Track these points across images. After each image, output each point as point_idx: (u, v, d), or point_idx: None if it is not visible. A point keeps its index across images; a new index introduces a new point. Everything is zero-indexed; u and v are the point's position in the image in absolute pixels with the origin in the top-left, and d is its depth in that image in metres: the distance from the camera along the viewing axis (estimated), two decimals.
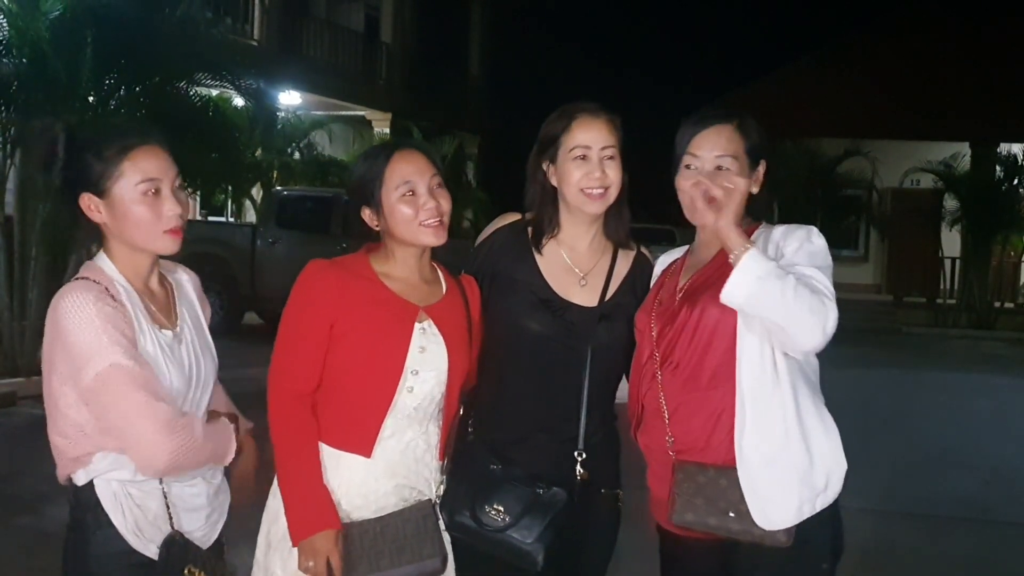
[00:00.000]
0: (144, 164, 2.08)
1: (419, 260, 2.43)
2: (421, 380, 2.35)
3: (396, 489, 2.35)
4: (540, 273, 2.53)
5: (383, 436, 2.33)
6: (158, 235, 2.10)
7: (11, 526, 5.04)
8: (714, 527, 2.25)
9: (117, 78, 8.64)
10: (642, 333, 2.44)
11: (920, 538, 5.52)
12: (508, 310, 2.51)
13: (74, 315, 2.00)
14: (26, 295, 8.73)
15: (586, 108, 2.52)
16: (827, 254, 2.31)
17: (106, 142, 2.10)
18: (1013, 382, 11.73)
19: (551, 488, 2.38)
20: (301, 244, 12.29)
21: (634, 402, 2.45)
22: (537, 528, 2.34)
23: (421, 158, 2.40)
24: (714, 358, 2.29)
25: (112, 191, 2.08)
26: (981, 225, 17.00)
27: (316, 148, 18.09)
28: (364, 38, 21.50)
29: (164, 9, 8.89)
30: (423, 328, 2.37)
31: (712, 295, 2.26)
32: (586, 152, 2.46)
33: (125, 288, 2.09)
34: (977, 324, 17.06)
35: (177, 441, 2.01)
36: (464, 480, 2.42)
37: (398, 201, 2.35)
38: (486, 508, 2.36)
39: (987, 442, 7.92)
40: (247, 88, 10.50)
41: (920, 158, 17.69)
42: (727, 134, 2.38)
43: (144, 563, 2.07)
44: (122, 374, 1.98)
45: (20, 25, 8.08)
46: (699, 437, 2.30)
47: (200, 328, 2.26)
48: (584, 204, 2.48)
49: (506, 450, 2.45)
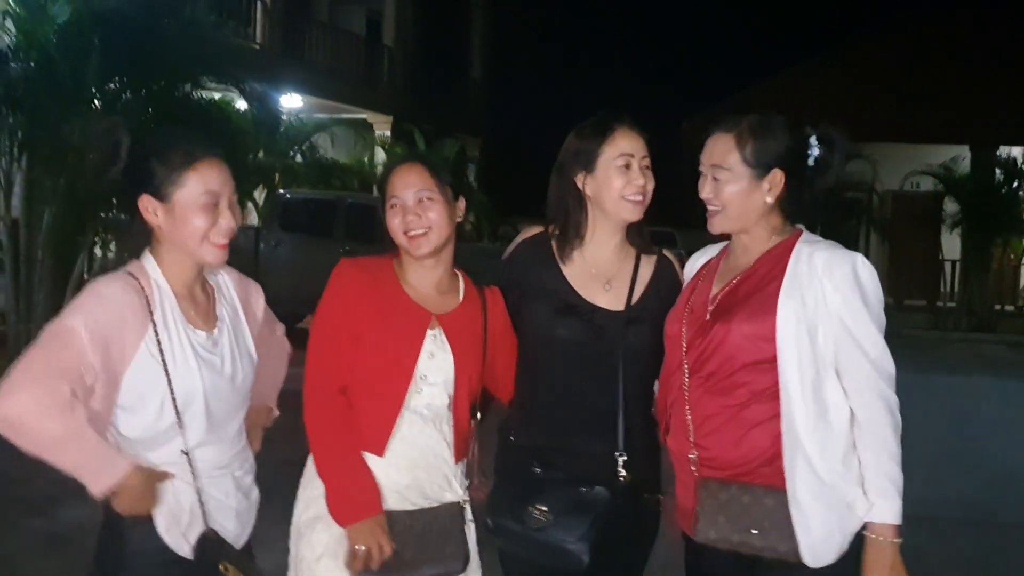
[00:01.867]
0: (207, 176, 2.16)
1: (431, 271, 2.52)
2: (430, 383, 2.43)
3: (415, 482, 2.41)
4: (566, 280, 2.58)
5: (398, 435, 2.40)
6: (208, 246, 2.17)
7: (22, 528, 5.06)
8: (736, 544, 2.25)
9: (123, 82, 8.68)
10: (672, 340, 2.43)
11: (924, 540, 5.52)
12: (537, 317, 2.56)
13: (93, 287, 2.11)
14: (32, 298, 8.76)
15: (622, 119, 2.59)
16: (878, 289, 2.28)
17: (172, 149, 2.16)
18: (1015, 385, 11.70)
19: (593, 487, 2.40)
20: (304, 247, 12.33)
21: (661, 408, 2.47)
22: (581, 527, 2.36)
23: (410, 172, 2.51)
24: (746, 376, 2.27)
25: (174, 197, 2.14)
26: (981, 228, 16.98)
27: (318, 151, 18.10)
28: (366, 41, 21.54)
29: (169, 13, 8.93)
30: (434, 335, 2.46)
31: (748, 312, 2.27)
32: (629, 160, 2.53)
33: (161, 287, 2.16)
34: (978, 327, 17.05)
35: (28, 402, 1.95)
36: (507, 485, 2.48)
37: (388, 212, 2.48)
38: (529, 509, 2.39)
39: (990, 445, 7.91)
40: (250, 91, 10.54)
41: (920, 161, 17.68)
42: (723, 144, 2.38)
43: (178, 560, 2.12)
44: (65, 336, 2.01)
45: (28, 29, 8.14)
46: (724, 454, 2.29)
47: (240, 332, 2.31)
48: (625, 211, 2.54)
49: (548, 455, 2.48)
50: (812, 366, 2.23)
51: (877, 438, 2.22)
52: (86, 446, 2.00)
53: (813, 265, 2.27)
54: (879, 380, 2.23)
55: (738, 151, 2.35)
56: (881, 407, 2.22)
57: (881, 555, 2.21)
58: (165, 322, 2.13)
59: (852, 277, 2.25)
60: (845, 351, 2.24)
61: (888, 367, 2.25)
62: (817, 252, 2.30)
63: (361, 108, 20.13)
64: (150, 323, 2.10)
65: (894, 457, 2.21)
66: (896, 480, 2.21)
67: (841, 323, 2.23)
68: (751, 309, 2.28)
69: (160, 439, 2.13)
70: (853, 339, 2.23)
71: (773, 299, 2.27)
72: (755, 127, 2.37)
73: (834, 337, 2.24)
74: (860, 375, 2.23)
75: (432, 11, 22.81)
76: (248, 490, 2.30)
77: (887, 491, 2.20)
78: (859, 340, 2.23)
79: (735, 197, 2.36)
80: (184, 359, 2.13)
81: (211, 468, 2.19)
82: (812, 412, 2.22)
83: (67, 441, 1.99)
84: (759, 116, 2.40)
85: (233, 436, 2.27)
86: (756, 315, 2.27)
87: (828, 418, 2.23)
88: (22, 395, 1.97)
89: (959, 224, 17.43)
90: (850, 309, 2.23)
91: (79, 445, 2.00)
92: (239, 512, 2.25)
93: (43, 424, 1.96)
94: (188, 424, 2.13)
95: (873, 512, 2.21)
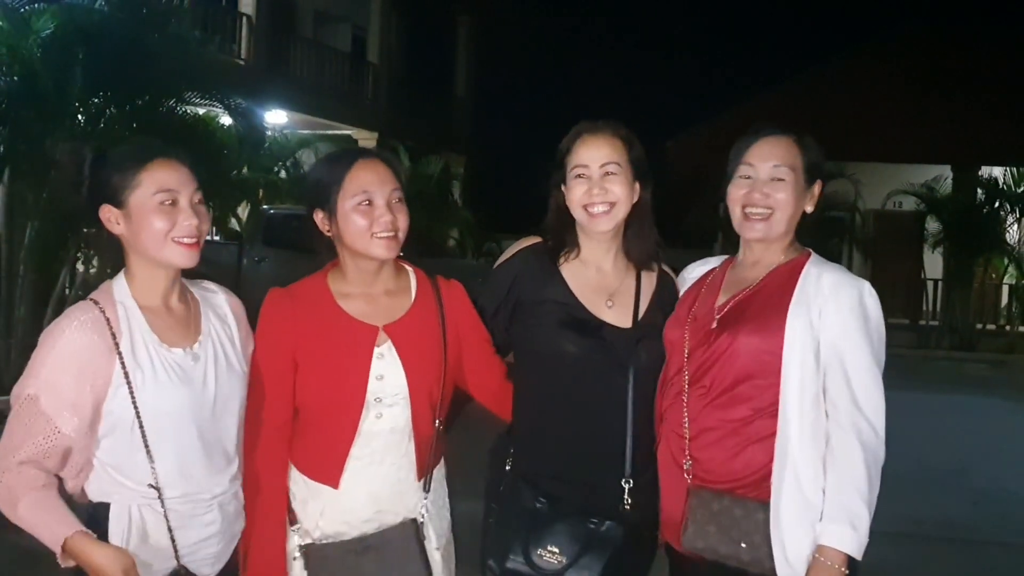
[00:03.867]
0: (160, 175, 2.10)
1: (376, 274, 2.35)
2: (388, 405, 2.28)
3: (377, 516, 2.30)
4: (570, 291, 2.43)
5: (352, 466, 2.27)
6: (171, 246, 2.11)
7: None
8: (724, 556, 2.23)
9: (107, 96, 8.63)
10: (673, 346, 2.37)
11: (908, 559, 5.53)
12: (539, 332, 2.40)
13: (49, 333, 2.06)
14: (13, 313, 8.66)
15: (588, 126, 2.47)
16: (880, 320, 2.26)
17: (126, 156, 2.13)
18: (996, 403, 11.80)
19: (605, 522, 2.27)
20: (287, 262, 12.26)
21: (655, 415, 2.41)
22: (597, 567, 2.24)
23: (384, 169, 2.33)
24: (749, 390, 2.24)
25: (129, 201, 2.10)
26: (963, 247, 17.10)
27: (302, 167, 18.07)
28: (351, 58, 21.54)
29: (154, 28, 8.89)
30: (381, 354, 2.29)
31: (755, 325, 2.25)
32: (584, 171, 2.41)
33: (127, 308, 2.10)
34: (959, 346, 17.14)
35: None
36: (511, 522, 2.32)
37: (353, 210, 2.28)
38: (539, 552, 2.25)
39: (972, 463, 7.95)
40: (235, 107, 10.49)
41: (903, 181, 17.80)
42: (785, 145, 2.34)
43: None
44: (28, 407, 2.02)
45: (11, 43, 8.06)
46: (721, 465, 2.26)
47: (232, 347, 2.23)
48: (588, 222, 2.43)
49: (548, 483, 2.34)
50: (813, 384, 2.21)
51: (841, 467, 2.18)
52: (53, 527, 2.04)
53: (821, 285, 2.26)
54: (857, 414, 2.19)
55: (802, 154, 2.34)
56: (852, 440, 2.18)
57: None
58: (133, 349, 2.07)
59: (857, 304, 2.23)
60: (831, 376, 2.22)
61: (871, 401, 2.20)
62: (826, 273, 2.29)
63: (346, 124, 20.10)
64: (116, 355, 2.05)
65: (858, 489, 2.16)
66: (854, 511, 2.15)
67: (834, 348, 2.21)
68: (760, 322, 2.25)
69: (131, 467, 2.07)
70: (842, 367, 2.21)
71: (782, 314, 2.24)
72: (806, 137, 2.37)
73: (825, 359, 2.22)
74: (840, 403, 2.21)
75: (417, 29, 22.89)
76: (233, 518, 2.22)
77: (839, 518, 2.15)
78: (847, 369, 2.20)
79: (792, 201, 2.32)
80: (154, 382, 2.07)
81: (190, 499, 2.11)
82: (808, 430, 2.20)
83: (36, 528, 2.04)
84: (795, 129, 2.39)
85: (223, 458, 2.18)
86: (764, 328, 2.25)
87: (821, 437, 2.22)
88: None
89: (941, 243, 17.54)
90: (847, 336, 2.21)
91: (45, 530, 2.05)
92: (221, 532, 2.18)
93: (12, 511, 2.04)
94: (161, 455, 2.07)
95: (822, 535, 2.17)
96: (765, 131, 2.36)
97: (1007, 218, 17.33)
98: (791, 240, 2.39)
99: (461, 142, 23.88)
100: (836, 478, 2.18)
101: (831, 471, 2.19)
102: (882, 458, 2.21)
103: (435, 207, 17.09)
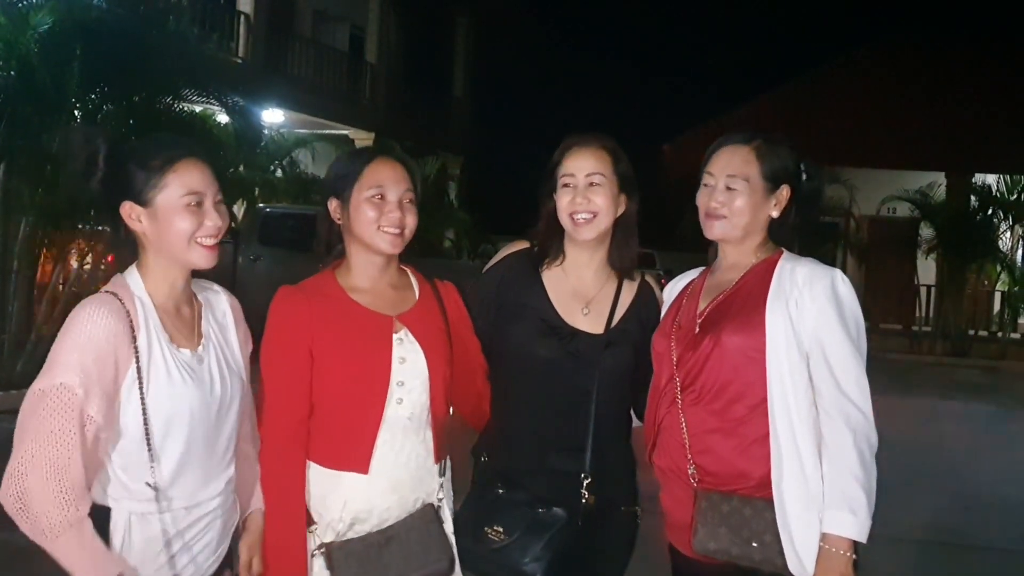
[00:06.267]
0: (188, 177, 2.10)
1: (383, 268, 2.43)
2: (408, 390, 2.35)
3: (400, 502, 2.36)
4: (548, 299, 2.56)
5: (379, 451, 2.33)
6: (195, 247, 2.11)
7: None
8: (736, 556, 2.26)
9: (104, 92, 8.62)
10: (661, 356, 2.44)
11: (896, 562, 5.56)
12: (517, 336, 2.54)
13: (75, 319, 2.00)
14: (6, 308, 8.66)
15: (577, 139, 2.59)
16: (855, 305, 2.31)
17: (151, 153, 2.10)
18: (988, 409, 11.85)
19: (551, 508, 2.39)
20: (283, 261, 12.26)
21: (650, 425, 2.46)
22: (535, 547, 2.36)
23: (402, 170, 2.43)
24: (740, 388, 2.29)
25: (155, 201, 2.08)
26: (956, 253, 17.17)
27: (299, 166, 18.07)
28: (349, 57, 21.54)
29: (152, 25, 8.89)
30: (400, 338, 2.37)
31: (736, 324, 2.30)
32: (570, 180, 2.54)
33: (144, 303, 2.08)
34: (952, 352, 17.21)
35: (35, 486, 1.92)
36: (470, 506, 2.47)
37: (365, 201, 2.36)
38: (486, 529, 2.39)
39: (964, 468, 7.99)
40: (232, 105, 10.49)
41: (897, 186, 17.87)
42: (742, 155, 2.41)
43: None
44: (65, 396, 1.93)
45: (9, 38, 8.06)
46: (723, 467, 2.29)
47: (229, 349, 2.22)
48: (573, 230, 2.55)
49: (516, 476, 2.47)
50: (801, 376, 2.25)
51: (834, 454, 2.21)
52: (84, 541, 1.95)
53: (795, 278, 2.31)
54: (843, 399, 2.23)
55: (758, 163, 2.40)
56: (841, 426, 2.22)
57: (830, 565, 2.19)
58: (149, 345, 2.04)
59: (830, 291, 2.29)
60: (814, 366, 2.26)
61: (855, 387, 2.25)
62: (799, 267, 2.35)
63: (343, 124, 20.10)
64: (133, 349, 2.01)
65: (853, 474, 2.19)
66: (852, 496, 2.19)
67: (814, 337, 2.26)
68: (741, 320, 2.30)
69: (136, 466, 2.04)
70: (823, 355, 2.26)
71: (761, 310, 2.30)
72: (771, 143, 2.44)
73: (807, 349, 2.27)
74: (825, 391, 2.25)
75: (415, 29, 22.88)
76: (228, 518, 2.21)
77: (838, 505, 2.19)
78: (828, 357, 2.25)
79: (747, 208, 2.39)
80: (167, 382, 2.04)
81: (189, 502, 2.09)
82: (802, 422, 2.24)
83: (64, 532, 1.94)
84: (767, 134, 2.47)
85: (222, 462, 2.17)
86: (746, 326, 2.30)
87: (816, 427, 2.25)
88: (31, 477, 1.92)
89: (934, 249, 17.62)
90: (824, 324, 2.26)
91: (78, 539, 1.95)
92: (219, 535, 2.17)
93: (45, 509, 1.93)
94: (164, 454, 2.04)
95: (826, 523, 2.20)
96: (726, 141, 2.45)
97: (1000, 225, 17.44)
98: (762, 241, 2.45)
99: (458, 143, 23.90)
100: (831, 465, 2.21)
101: (826, 459, 2.22)
102: (875, 440, 2.25)
103: (431, 208, 17.09)
